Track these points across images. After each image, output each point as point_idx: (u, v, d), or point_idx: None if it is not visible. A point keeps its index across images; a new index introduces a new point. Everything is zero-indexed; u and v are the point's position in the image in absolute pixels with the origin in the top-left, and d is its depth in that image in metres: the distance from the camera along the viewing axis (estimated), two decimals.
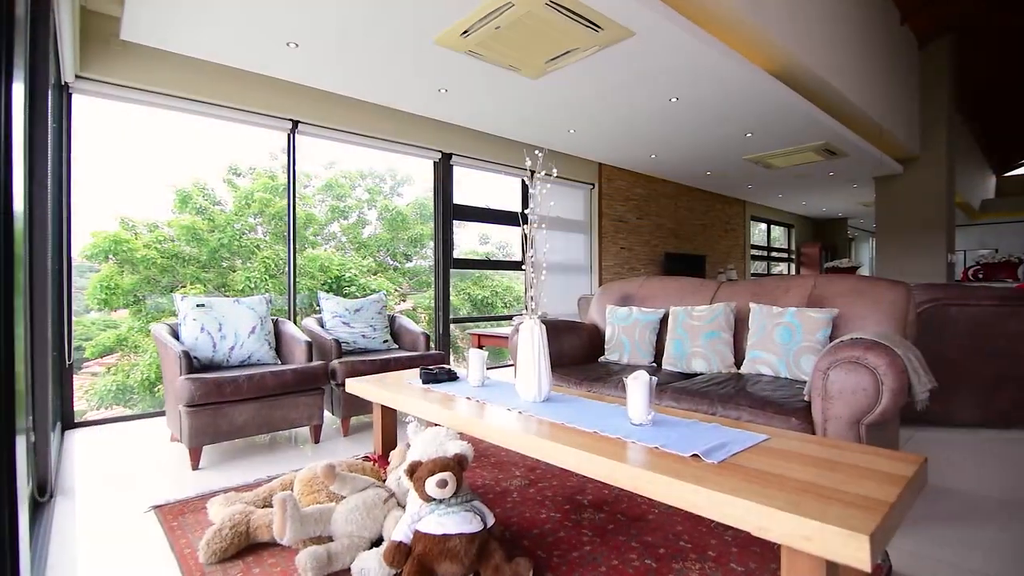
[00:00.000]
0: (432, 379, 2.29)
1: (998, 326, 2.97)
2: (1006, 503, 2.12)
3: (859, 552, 0.88)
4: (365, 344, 3.54)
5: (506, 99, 4.63)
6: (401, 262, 8.37)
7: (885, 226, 8.26)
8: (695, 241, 9.26)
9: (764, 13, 4.05)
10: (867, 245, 15.48)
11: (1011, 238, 12.85)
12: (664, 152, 6.63)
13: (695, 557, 1.66)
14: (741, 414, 2.00)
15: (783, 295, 2.65)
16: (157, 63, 3.59)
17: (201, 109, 3.84)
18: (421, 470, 1.55)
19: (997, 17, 7.82)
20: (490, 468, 2.48)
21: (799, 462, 1.27)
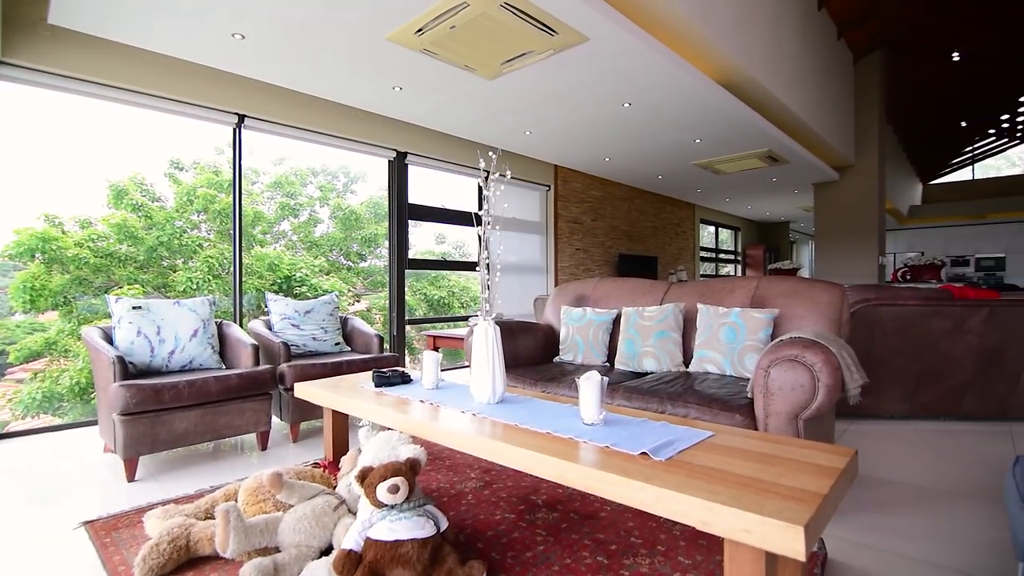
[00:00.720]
0: (385, 382, 2.25)
1: (922, 325, 3.19)
2: (931, 490, 2.27)
3: (795, 543, 0.93)
4: (316, 347, 3.44)
5: (462, 99, 4.61)
6: (355, 262, 8.20)
7: (823, 230, 8.72)
8: (648, 243, 9.50)
9: (713, 25, 4.20)
10: (807, 247, 16.30)
11: (935, 242, 13.83)
12: (618, 155, 6.76)
13: (645, 552, 1.70)
14: (689, 411, 2.07)
15: (728, 296, 2.75)
16: (91, 50, 3.38)
17: (140, 100, 3.64)
18: (372, 476, 1.52)
19: (920, 36, 8.40)
20: (445, 471, 2.46)
21: (741, 457, 1.32)
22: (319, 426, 3.37)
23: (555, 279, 7.21)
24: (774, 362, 1.90)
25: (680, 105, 4.85)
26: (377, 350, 3.56)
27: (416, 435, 1.78)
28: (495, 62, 3.81)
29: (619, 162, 7.14)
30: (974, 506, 2.09)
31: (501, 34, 3.38)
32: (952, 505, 2.11)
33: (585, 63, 3.88)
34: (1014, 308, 3.13)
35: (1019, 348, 3.16)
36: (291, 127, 4.42)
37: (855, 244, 8.30)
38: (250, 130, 4.22)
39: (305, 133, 4.53)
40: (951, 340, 3.19)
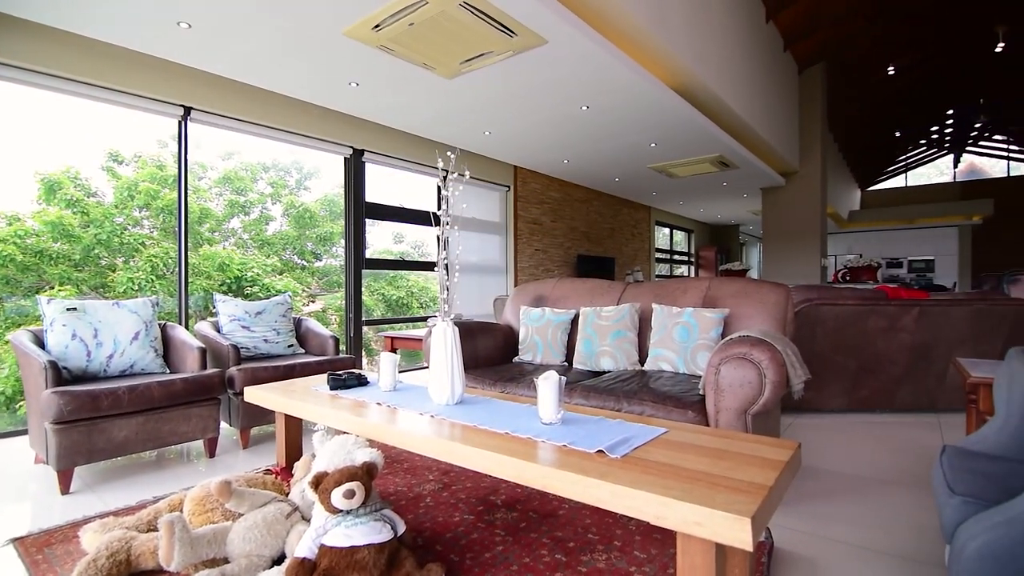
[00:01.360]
0: (340, 385, 2.20)
1: (860, 323, 3.37)
2: (868, 479, 2.41)
3: (742, 533, 0.96)
4: (267, 349, 3.33)
5: (420, 97, 4.56)
6: (310, 261, 7.98)
7: (770, 232, 9.10)
8: (605, 244, 9.67)
9: (668, 33, 4.32)
10: (756, 249, 16.97)
11: (873, 244, 14.66)
12: (576, 158, 6.85)
13: (602, 548, 1.73)
14: (644, 409, 2.11)
15: (682, 296, 2.83)
16: (22, 34, 3.15)
17: (75, 89, 3.42)
18: (327, 481, 1.48)
19: (858, 51, 8.89)
20: (403, 474, 2.43)
21: (693, 452, 1.36)
22: (271, 431, 3.27)
23: (515, 279, 7.24)
24: (724, 360, 1.97)
25: (636, 109, 4.96)
26: (332, 352, 3.47)
27: (373, 438, 1.75)
28: (454, 61, 3.79)
29: (577, 164, 7.23)
30: (906, 493, 2.23)
31: (460, 33, 3.37)
32: (887, 493, 2.24)
33: (544, 66, 3.92)
34: (941, 307, 3.36)
35: (946, 345, 3.39)
36: (241, 121, 4.26)
37: (799, 246, 8.70)
38: (197, 123, 4.04)
39: (256, 127, 4.38)
40: (886, 338, 3.39)
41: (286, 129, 4.54)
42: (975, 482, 1.29)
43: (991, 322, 3.35)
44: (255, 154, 7.64)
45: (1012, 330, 3.36)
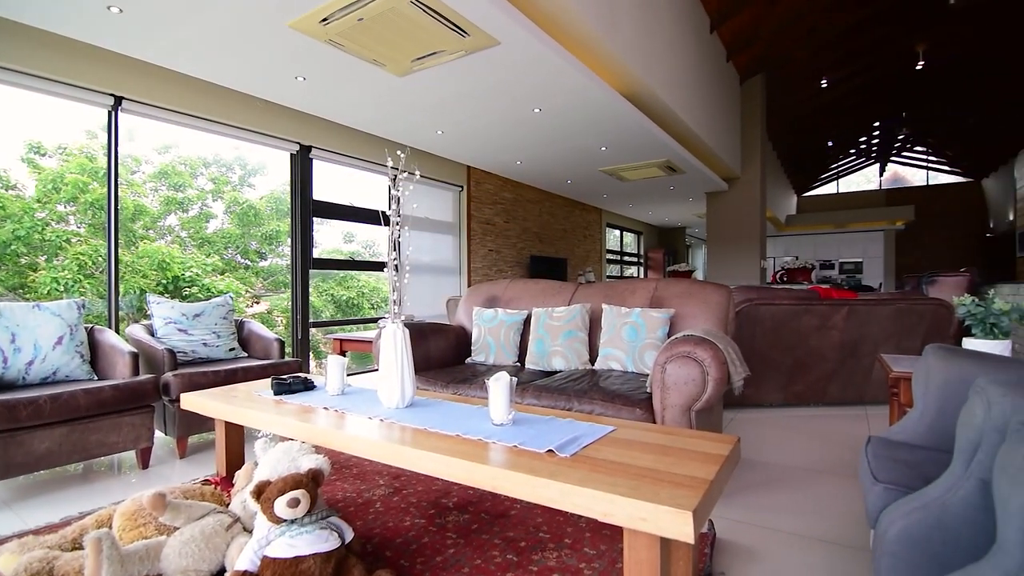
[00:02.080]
0: (285, 390, 2.13)
1: (795, 322, 3.56)
2: (802, 470, 2.54)
3: (684, 527, 1.00)
4: (207, 353, 3.18)
5: (371, 94, 4.47)
6: (254, 260, 7.68)
7: (714, 235, 9.47)
8: (558, 245, 9.78)
9: (617, 39, 4.41)
10: (701, 251, 17.61)
11: (808, 247, 15.50)
12: (529, 159, 6.90)
13: (553, 546, 1.75)
14: (594, 407, 2.15)
15: (630, 296, 2.91)
16: None
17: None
18: (270, 490, 1.43)
19: (794, 63, 9.39)
20: (352, 480, 2.37)
21: (640, 449, 1.40)
22: (211, 439, 3.12)
23: (468, 280, 7.22)
24: (670, 359, 2.04)
25: (588, 113, 5.05)
26: (277, 355, 3.35)
27: (320, 444, 1.70)
28: (406, 59, 3.74)
29: (530, 166, 7.28)
30: (837, 482, 2.37)
31: (412, 31, 3.33)
32: (819, 482, 2.38)
33: (497, 67, 3.92)
34: (868, 307, 3.59)
35: (872, 342, 3.63)
36: (178, 113, 4.05)
37: (741, 249, 9.10)
38: (129, 114, 3.81)
39: (195, 120, 4.17)
40: (818, 335, 3.59)
41: (228, 123, 4.35)
42: (896, 470, 1.39)
43: (911, 320, 3.61)
44: (195, 148, 7.28)
45: (930, 328, 3.63)
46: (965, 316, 2.20)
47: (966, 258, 15.69)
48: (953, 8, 7.52)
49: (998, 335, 2.13)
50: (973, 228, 16.35)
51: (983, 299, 2.20)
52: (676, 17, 5.99)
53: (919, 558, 1.10)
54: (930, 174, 17.79)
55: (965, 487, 1.05)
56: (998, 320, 2.12)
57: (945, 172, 17.47)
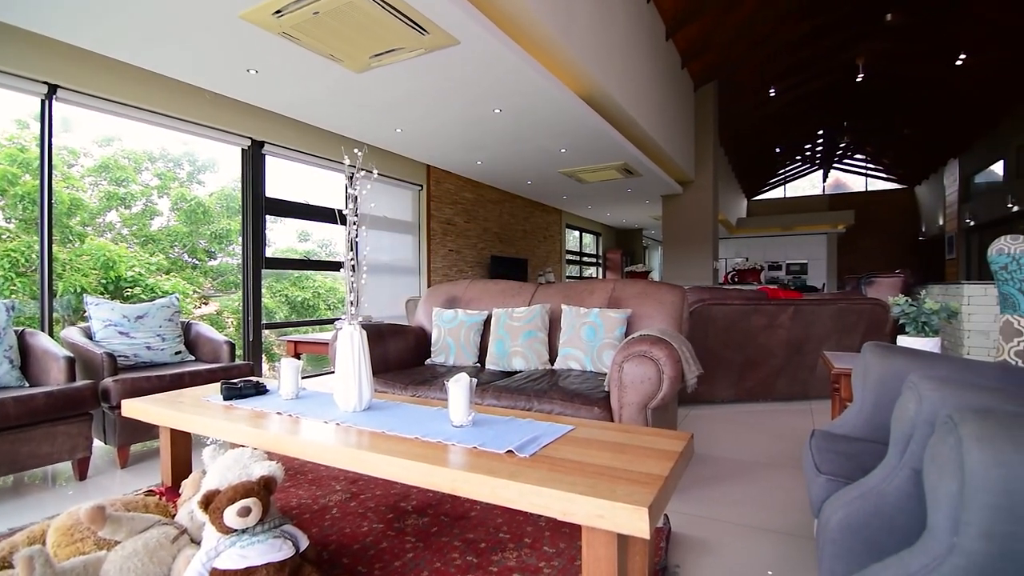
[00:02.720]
0: (236, 394, 2.05)
1: (745, 321, 3.70)
2: (751, 463, 2.64)
3: (640, 523, 1.02)
4: (151, 357, 3.03)
5: (327, 89, 4.37)
6: (202, 260, 7.37)
7: (669, 237, 9.73)
8: (518, 245, 9.82)
9: (575, 42, 4.47)
10: (657, 252, 18.05)
11: (757, 249, 16.14)
12: (490, 159, 6.90)
13: (513, 546, 1.76)
14: (554, 407, 2.17)
15: (589, 297, 2.95)
16: None
17: None
18: (219, 499, 1.38)
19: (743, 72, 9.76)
20: (307, 486, 2.31)
21: (598, 448, 1.42)
22: (155, 448, 2.97)
23: (428, 280, 7.15)
24: (627, 358, 2.08)
25: (547, 115, 5.09)
26: (228, 359, 3.23)
27: (273, 451, 1.65)
28: (363, 55, 3.67)
29: (491, 166, 7.28)
30: (785, 474, 2.48)
31: (369, 27, 3.27)
32: (768, 475, 2.47)
33: (456, 66, 3.90)
34: (812, 306, 3.77)
35: (816, 340, 3.81)
36: (120, 104, 3.84)
37: (695, 250, 9.38)
38: (65, 103, 3.59)
39: (139, 112, 3.96)
40: (766, 334, 3.75)
41: (175, 115, 4.16)
42: (837, 462, 1.46)
43: (851, 319, 3.81)
44: (139, 141, 6.92)
45: (868, 326, 3.84)
46: (899, 315, 2.33)
47: (901, 260, 16.72)
48: (889, 24, 7.99)
49: (929, 333, 2.28)
50: (907, 232, 17.42)
51: (915, 299, 2.35)
52: (632, 23, 6.12)
53: (859, 545, 1.16)
54: (869, 181, 18.86)
55: (899, 477, 1.12)
56: (929, 319, 2.26)
57: (882, 179, 18.55)
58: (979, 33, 8.40)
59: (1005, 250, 1.60)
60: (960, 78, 10.01)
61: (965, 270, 12.57)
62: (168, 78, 4.04)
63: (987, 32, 8.29)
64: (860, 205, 17.29)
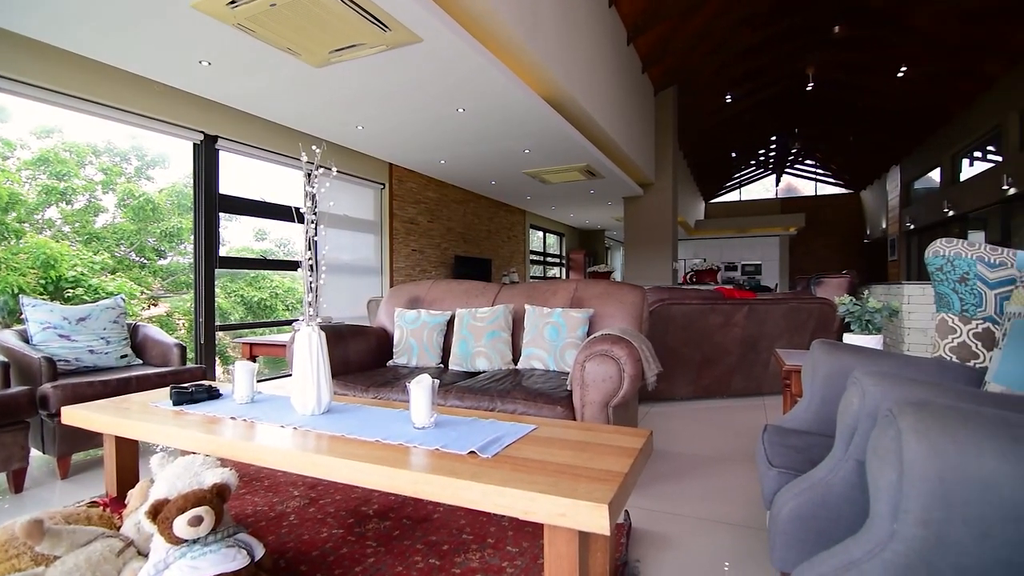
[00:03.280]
0: (187, 399, 1.97)
1: (702, 320, 3.80)
2: (708, 458, 2.72)
3: (601, 520, 1.03)
4: (94, 361, 2.88)
5: (284, 84, 4.25)
6: (151, 259, 7.05)
7: (631, 238, 9.91)
8: (482, 245, 9.81)
9: (539, 44, 4.49)
10: (619, 253, 18.36)
11: (715, 250, 16.64)
12: (453, 159, 6.86)
13: (476, 547, 1.75)
14: (517, 407, 2.18)
15: (552, 297, 2.97)
16: None
17: None
18: (168, 508, 1.32)
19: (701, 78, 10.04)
20: (263, 492, 2.24)
21: (560, 447, 1.43)
22: (99, 457, 2.82)
23: (390, 280, 7.05)
24: (589, 357, 2.10)
25: (511, 115, 5.10)
26: (178, 362, 3.10)
27: (227, 457, 1.59)
28: (323, 50, 3.59)
29: (454, 165, 7.24)
30: (739, 468, 2.56)
31: (329, 21, 3.20)
32: (724, 469, 2.55)
33: (419, 64, 3.86)
34: (765, 306, 3.91)
35: (769, 338, 3.95)
36: (60, 93, 3.62)
37: (655, 251, 9.59)
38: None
39: (81, 103, 3.75)
40: (723, 332, 3.86)
41: (121, 107, 3.96)
42: (788, 455, 1.52)
43: (802, 318, 3.97)
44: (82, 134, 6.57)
45: (817, 324, 4.01)
46: (845, 314, 2.45)
47: (848, 261, 17.55)
48: (837, 37, 8.37)
49: (872, 331, 2.40)
50: (853, 234, 18.31)
51: (860, 299, 2.46)
52: (595, 27, 6.20)
53: (808, 534, 1.21)
54: (818, 185, 19.71)
55: (845, 468, 1.17)
56: (872, 317, 2.38)
57: (831, 184, 19.43)
58: (917, 47, 8.91)
59: (940, 252, 1.70)
60: (901, 89, 10.60)
61: (906, 271, 13.30)
62: (114, 68, 3.84)
63: (924, 47, 8.80)
64: (810, 208, 18.07)
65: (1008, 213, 8.88)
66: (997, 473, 0.71)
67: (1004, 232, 8.94)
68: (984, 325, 1.62)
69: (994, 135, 9.30)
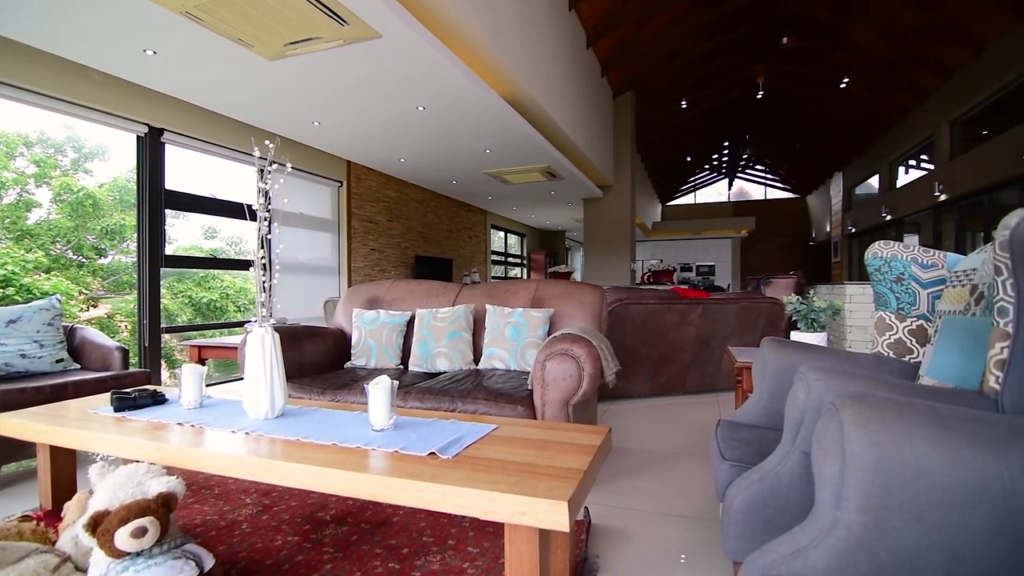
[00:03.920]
0: (129, 405, 1.87)
1: (659, 319, 3.90)
2: (665, 453, 2.78)
3: (561, 516, 1.04)
4: (26, 366, 2.70)
5: (237, 77, 4.10)
6: (91, 258, 6.67)
7: (590, 239, 10.05)
8: (443, 245, 9.74)
9: (501, 45, 4.50)
10: (579, 253, 18.59)
11: (671, 251, 17.08)
12: (413, 157, 6.79)
13: (436, 549, 1.73)
14: (478, 407, 2.17)
15: (513, 297, 2.98)
16: None
17: None
18: (109, 520, 1.25)
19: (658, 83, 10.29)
20: (213, 501, 2.15)
21: (520, 446, 1.44)
22: (32, 468, 2.64)
23: (348, 280, 6.91)
24: (549, 356, 2.12)
25: (472, 114, 5.08)
26: (120, 366, 2.94)
27: (173, 465, 1.52)
28: (277, 42, 3.48)
29: (414, 164, 7.17)
30: (694, 462, 2.63)
31: (283, 13, 3.11)
32: (680, 464, 2.62)
33: (378, 60, 3.80)
34: (718, 305, 4.04)
35: (722, 336, 4.08)
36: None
37: (614, 252, 9.76)
38: None
39: (10, 90, 3.51)
40: (678, 331, 3.97)
41: (56, 96, 3.72)
42: (739, 448, 1.58)
43: (752, 317, 4.13)
44: (12, 123, 6.14)
45: (767, 323, 4.18)
46: (792, 313, 2.56)
47: (795, 262, 18.36)
48: (785, 48, 8.75)
49: (817, 328, 2.52)
50: (800, 237, 19.16)
51: (806, 298, 2.58)
52: (556, 30, 6.26)
53: (759, 524, 1.25)
54: (768, 190, 20.54)
55: (792, 459, 1.23)
56: (817, 316, 2.50)
57: (779, 188, 20.28)
58: (859, 61, 9.42)
59: (878, 254, 1.80)
60: (844, 100, 11.17)
61: (848, 272, 14.03)
62: (48, 54, 3.61)
63: (865, 60, 9.31)
64: (760, 212, 18.81)
65: (939, 218, 9.49)
66: (928, 461, 0.75)
67: (936, 235, 9.55)
68: (918, 323, 1.72)
69: (927, 145, 9.93)
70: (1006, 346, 1.04)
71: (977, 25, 7.34)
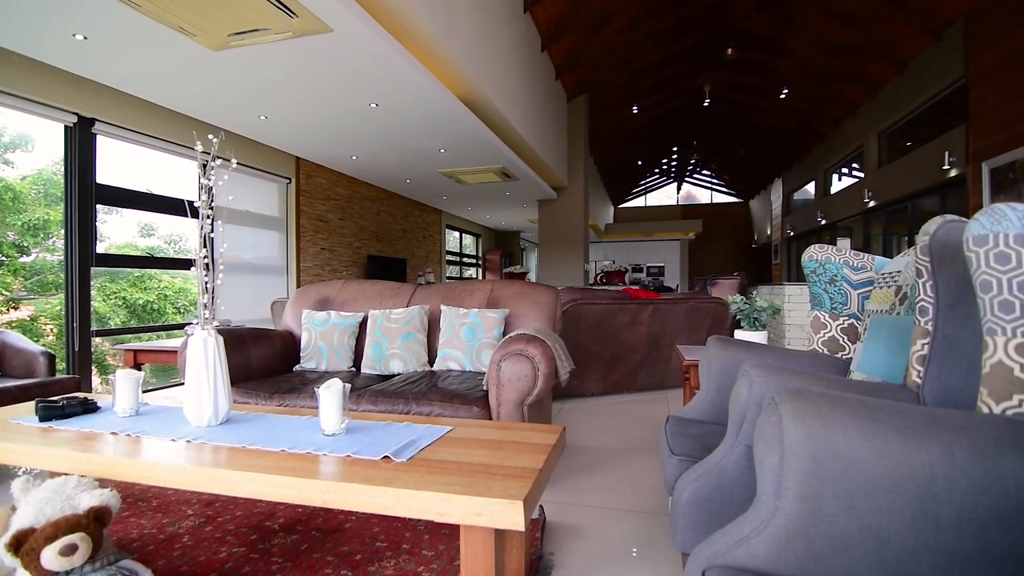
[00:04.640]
0: (57, 414, 1.74)
1: (611, 319, 3.98)
2: (617, 450, 2.85)
3: (516, 516, 1.05)
4: None
5: (176, 66, 3.90)
6: (11, 256, 6.16)
7: (545, 239, 10.16)
8: (397, 245, 9.59)
9: (455, 44, 4.48)
10: (534, 254, 18.74)
11: (623, 253, 17.48)
12: (365, 155, 6.65)
13: (390, 554, 1.71)
14: (433, 408, 2.16)
15: (468, 297, 2.97)
16: None
17: None
18: (35, 538, 1.16)
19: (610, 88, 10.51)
20: (151, 513, 2.04)
21: (476, 447, 1.44)
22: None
23: (297, 280, 6.69)
24: (504, 356, 2.13)
25: (425, 113, 5.03)
26: (45, 372, 2.74)
27: (107, 477, 1.43)
28: (220, 32, 3.33)
29: (367, 162, 7.03)
30: (645, 458, 2.71)
31: (229, 2, 2.98)
32: (632, 460, 2.69)
33: (329, 55, 3.71)
34: (667, 305, 4.16)
35: (671, 335, 4.21)
36: None
37: (567, 252, 9.90)
38: None
39: None
40: (630, 330, 4.07)
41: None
42: (687, 443, 1.63)
43: (699, 316, 4.28)
44: None
45: (713, 322, 4.34)
46: (736, 312, 2.67)
47: (739, 263, 19.18)
48: (729, 58, 9.13)
49: (759, 327, 2.64)
50: (743, 239, 20.03)
51: (749, 298, 2.70)
52: (511, 31, 6.29)
53: (705, 515, 1.30)
54: (713, 194, 21.35)
55: (736, 453, 1.28)
56: (759, 315, 2.62)
57: (724, 193, 21.12)
58: (797, 73, 9.93)
59: (814, 257, 1.90)
60: (783, 110, 11.75)
61: (787, 273, 14.77)
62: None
63: (802, 73, 9.83)
64: (707, 215, 19.54)
65: (868, 223, 10.14)
66: (858, 451, 0.81)
67: (865, 239, 10.19)
68: (849, 321, 1.83)
69: (858, 154, 10.58)
70: (926, 343, 1.13)
71: (901, 44, 7.89)
